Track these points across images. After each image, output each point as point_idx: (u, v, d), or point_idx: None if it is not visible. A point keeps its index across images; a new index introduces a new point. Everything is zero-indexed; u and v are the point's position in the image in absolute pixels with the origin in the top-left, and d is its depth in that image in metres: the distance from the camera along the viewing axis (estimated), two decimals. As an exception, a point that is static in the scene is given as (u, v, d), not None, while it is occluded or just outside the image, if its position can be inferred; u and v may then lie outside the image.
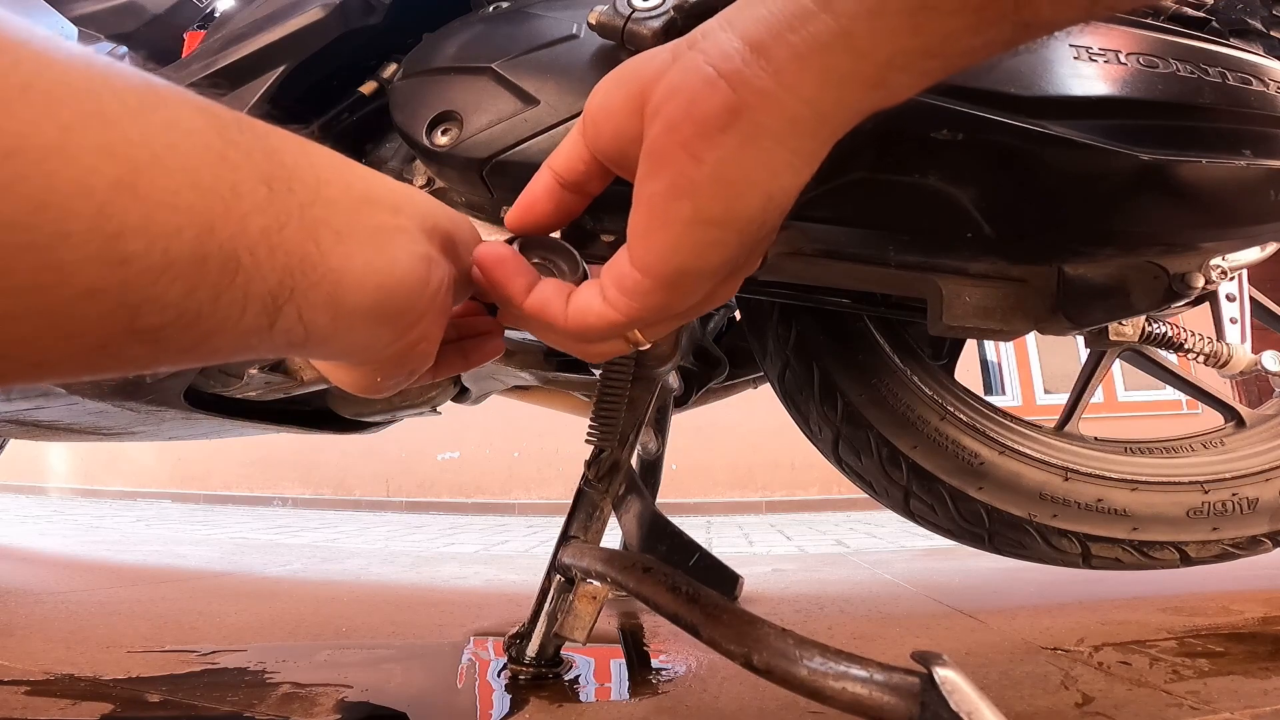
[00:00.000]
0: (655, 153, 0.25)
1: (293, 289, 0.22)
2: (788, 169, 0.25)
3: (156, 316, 0.18)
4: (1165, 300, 0.51)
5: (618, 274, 0.28)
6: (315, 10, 0.54)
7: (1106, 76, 0.41)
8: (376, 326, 0.25)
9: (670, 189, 0.25)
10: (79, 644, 0.70)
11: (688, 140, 0.24)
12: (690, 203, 0.25)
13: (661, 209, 0.26)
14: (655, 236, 0.26)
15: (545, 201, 0.32)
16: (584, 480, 0.59)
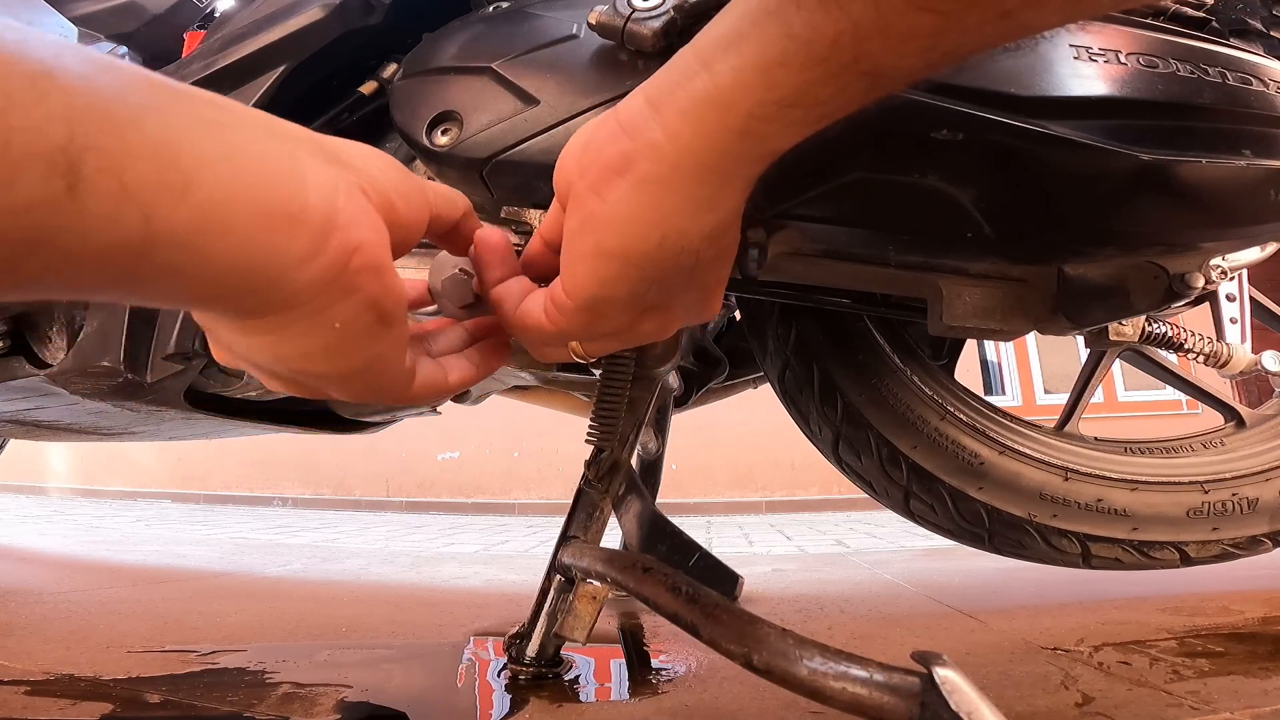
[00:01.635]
0: (574, 196, 0.29)
1: (96, 148, 0.17)
2: (678, 212, 0.28)
3: None
4: (1165, 300, 0.51)
5: (554, 291, 0.32)
6: (315, 10, 0.54)
7: (1106, 76, 0.41)
8: (267, 230, 0.21)
9: (580, 224, 0.29)
10: (79, 644, 0.70)
11: (594, 182, 0.28)
12: (593, 237, 0.29)
13: (574, 242, 0.29)
14: (571, 265, 0.30)
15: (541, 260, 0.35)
16: (584, 480, 0.59)
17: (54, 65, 0.17)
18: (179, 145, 0.19)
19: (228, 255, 0.20)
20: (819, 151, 0.42)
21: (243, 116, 0.23)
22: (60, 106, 0.17)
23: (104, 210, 0.17)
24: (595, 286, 0.30)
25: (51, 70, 0.17)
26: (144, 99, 0.19)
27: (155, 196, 0.18)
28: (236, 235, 0.20)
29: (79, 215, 0.17)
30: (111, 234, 0.18)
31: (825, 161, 0.42)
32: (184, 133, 0.19)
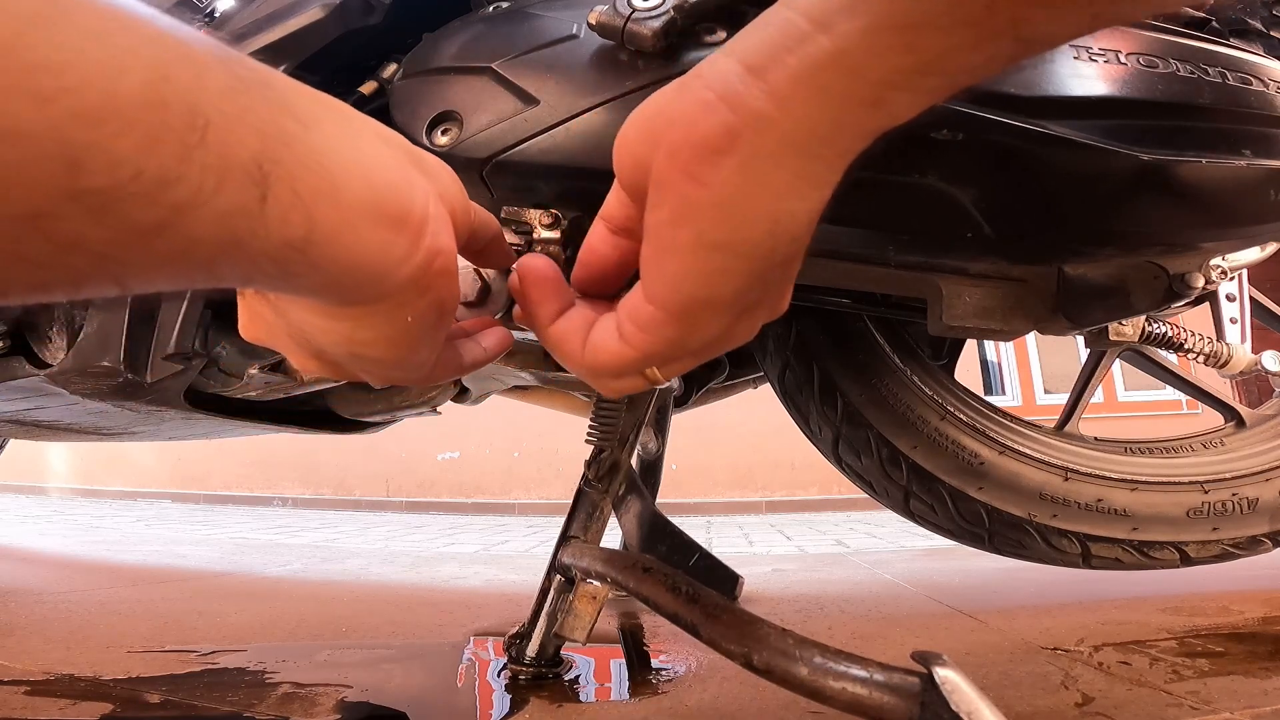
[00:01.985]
0: (659, 180, 0.25)
1: (278, 159, 0.19)
2: (792, 193, 0.25)
3: (105, 174, 0.15)
4: (1165, 300, 0.51)
5: (632, 308, 0.28)
6: (315, 10, 0.54)
7: (1106, 76, 0.41)
8: (383, 229, 0.23)
9: (674, 215, 0.25)
10: (79, 644, 0.70)
11: (687, 164, 0.24)
12: (693, 228, 0.25)
13: (668, 236, 0.25)
14: (664, 265, 0.26)
15: (604, 249, 0.31)
16: (584, 480, 0.59)
17: (249, 80, 0.19)
18: (331, 154, 0.21)
19: (356, 252, 0.22)
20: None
21: (363, 124, 0.24)
22: (254, 120, 0.18)
23: (281, 214, 0.19)
24: (696, 287, 0.26)
25: (248, 85, 0.19)
26: (303, 110, 0.21)
27: (316, 202, 0.20)
28: (364, 234, 0.22)
29: (264, 219, 0.19)
30: (284, 235, 0.20)
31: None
32: (332, 141, 0.22)
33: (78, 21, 0.15)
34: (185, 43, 0.17)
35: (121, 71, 0.15)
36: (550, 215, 0.52)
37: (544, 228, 0.52)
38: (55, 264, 0.16)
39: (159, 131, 0.16)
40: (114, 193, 0.15)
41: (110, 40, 0.15)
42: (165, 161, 0.16)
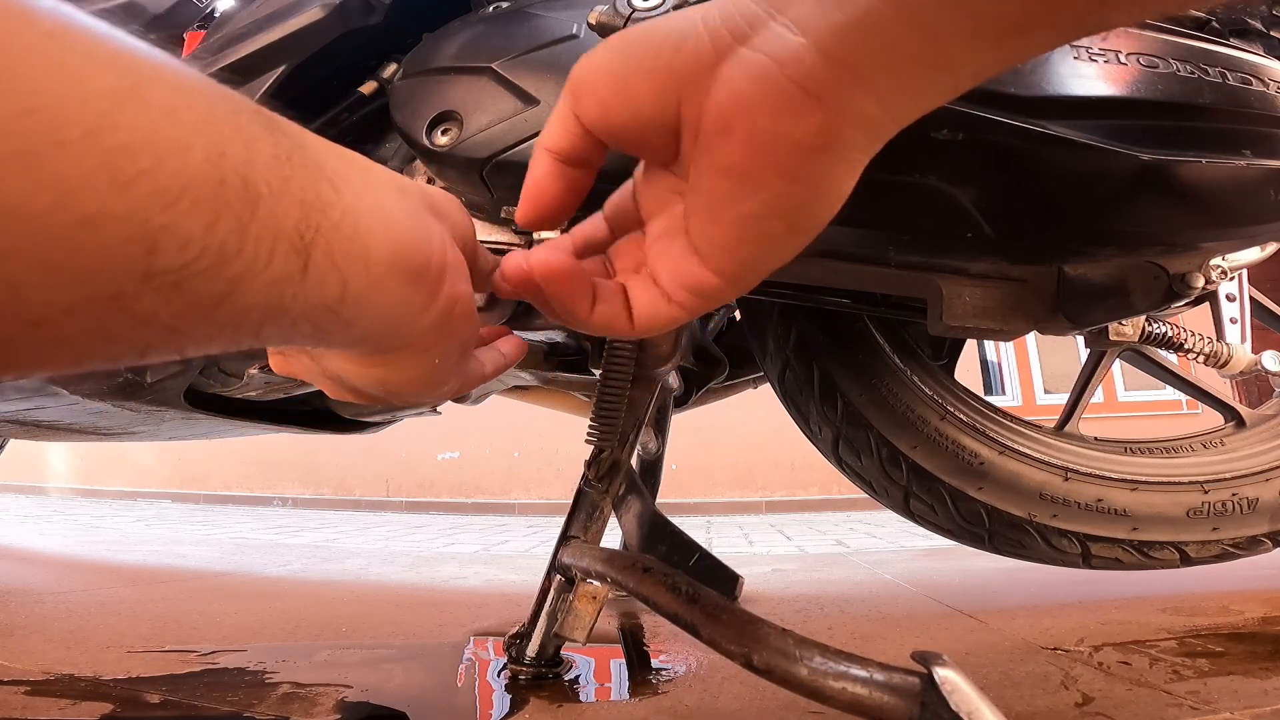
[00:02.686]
0: (744, 173, 0.24)
1: (317, 227, 0.20)
2: (860, 168, 0.26)
3: (177, 254, 0.16)
4: (1165, 300, 0.51)
5: (687, 278, 0.28)
6: (315, 10, 0.54)
7: (1106, 76, 0.41)
8: (405, 284, 0.24)
9: (767, 210, 0.25)
10: (79, 644, 0.70)
11: (783, 164, 0.24)
12: (787, 221, 0.25)
13: (755, 228, 0.25)
14: (744, 250, 0.26)
15: (552, 183, 0.29)
16: (584, 480, 0.59)
17: (288, 147, 0.20)
18: (359, 215, 0.22)
19: (383, 308, 0.23)
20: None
21: (381, 177, 0.25)
22: (296, 189, 0.19)
23: (319, 278, 0.20)
24: (771, 261, 0.27)
25: (289, 153, 0.19)
26: (333, 171, 0.22)
27: (349, 265, 0.21)
28: (391, 291, 0.23)
29: (305, 285, 0.20)
30: (321, 297, 0.20)
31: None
32: (359, 201, 0.22)
33: (151, 99, 0.15)
34: (236, 112, 0.18)
35: (188, 150, 0.16)
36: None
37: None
38: (129, 338, 0.16)
39: (220, 208, 0.16)
40: (183, 271, 0.16)
41: (176, 117, 0.16)
42: (225, 237, 0.17)
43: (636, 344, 0.56)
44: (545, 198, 0.30)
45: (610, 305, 0.29)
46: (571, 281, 0.28)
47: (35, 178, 0.13)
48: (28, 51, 0.13)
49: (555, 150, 0.29)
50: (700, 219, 0.26)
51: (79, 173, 0.14)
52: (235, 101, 0.19)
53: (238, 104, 0.19)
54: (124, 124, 0.14)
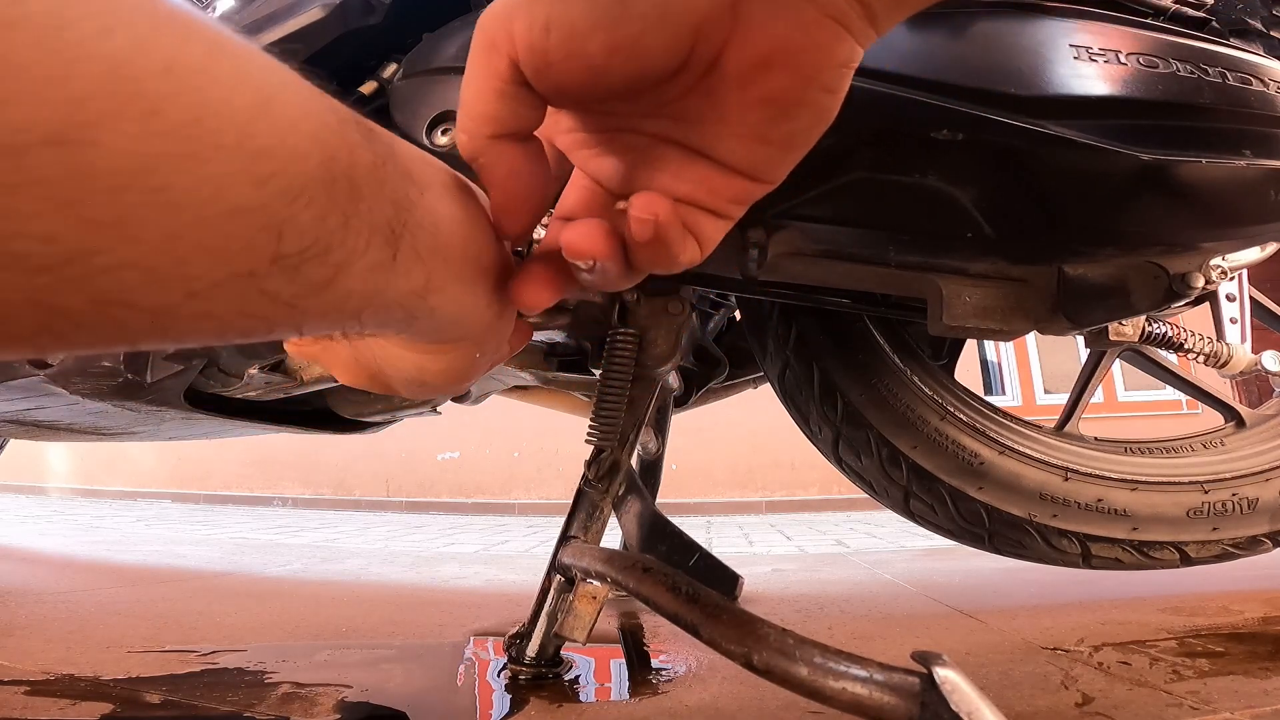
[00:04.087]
0: (792, 99, 0.26)
1: (404, 224, 0.22)
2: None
3: (296, 240, 0.19)
4: (1165, 300, 0.51)
5: (731, 192, 0.29)
6: (315, 10, 0.54)
7: (1106, 76, 0.41)
8: (475, 283, 0.27)
9: (811, 121, 0.27)
10: (79, 644, 0.70)
11: (826, 83, 0.26)
12: (825, 123, 0.28)
13: (801, 137, 0.28)
14: (792, 156, 0.28)
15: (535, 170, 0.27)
16: (584, 480, 0.59)
17: (383, 154, 0.22)
18: (439, 216, 0.24)
19: (459, 299, 0.26)
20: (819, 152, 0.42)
21: (455, 184, 0.27)
22: (389, 191, 0.22)
23: (406, 268, 0.23)
24: (803, 153, 0.29)
25: (384, 159, 0.22)
26: (419, 175, 0.24)
27: (431, 257, 0.24)
28: (465, 285, 0.26)
29: (394, 272, 0.22)
30: (409, 285, 0.23)
31: (826, 162, 0.42)
32: (440, 204, 0.25)
33: (279, 112, 0.18)
34: (342, 122, 0.21)
35: (307, 156, 0.19)
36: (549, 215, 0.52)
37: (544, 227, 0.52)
38: (259, 314, 0.19)
39: (330, 204, 0.19)
40: (301, 255, 0.19)
41: (298, 127, 0.19)
42: (334, 228, 0.20)
43: (636, 343, 0.56)
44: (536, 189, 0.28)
45: (688, 238, 0.29)
46: (600, 240, 0.27)
47: (200, 174, 0.16)
48: (193, 71, 0.16)
49: (513, 130, 0.26)
50: (743, 143, 0.28)
51: (230, 171, 0.17)
52: (341, 112, 0.21)
53: (343, 115, 0.21)
54: (261, 132, 0.17)
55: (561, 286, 0.29)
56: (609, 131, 0.29)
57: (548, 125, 0.29)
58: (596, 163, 0.31)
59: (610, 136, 0.30)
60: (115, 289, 0.16)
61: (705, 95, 0.27)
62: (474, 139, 0.26)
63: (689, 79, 0.26)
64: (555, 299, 0.29)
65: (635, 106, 0.28)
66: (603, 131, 0.30)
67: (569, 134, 0.30)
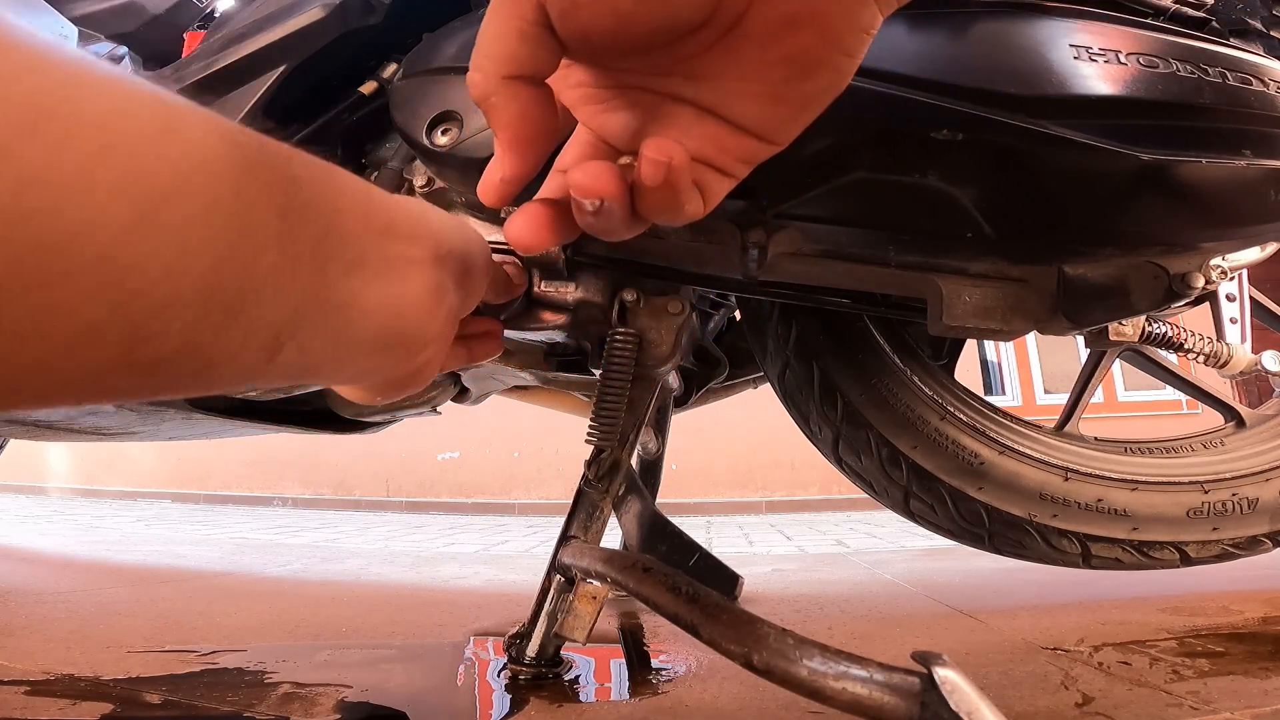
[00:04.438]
0: (813, 59, 0.27)
1: (297, 325, 0.22)
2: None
3: (155, 349, 0.18)
4: (1165, 300, 0.51)
5: (741, 152, 0.29)
6: (315, 10, 0.54)
7: (1107, 76, 0.41)
8: (380, 356, 0.27)
9: (828, 84, 0.27)
10: (79, 644, 0.70)
11: (847, 46, 0.27)
12: (839, 87, 0.28)
13: (817, 99, 0.28)
14: (805, 117, 0.28)
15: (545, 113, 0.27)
16: (584, 480, 0.59)
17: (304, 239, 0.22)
18: (354, 302, 0.24)
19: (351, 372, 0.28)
20: (819, 151, 0.42)
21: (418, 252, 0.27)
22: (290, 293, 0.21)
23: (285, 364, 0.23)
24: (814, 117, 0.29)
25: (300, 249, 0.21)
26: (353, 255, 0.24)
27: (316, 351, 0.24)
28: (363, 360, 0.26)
29: (271, 367, 0.22)
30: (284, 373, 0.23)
31: (826, 162, 0.42)
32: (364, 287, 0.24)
33: (165, 222, 0.17)
34: (249, 219, 0.19)
35: (185, 270, 0.18)
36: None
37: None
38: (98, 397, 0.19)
39: (203, 316, 0.19)
40: (159, 363, 0.18)
41: (184, 237, 0.17)
42: (204, 336, 0.19)
43: (636, 343, 0.56)
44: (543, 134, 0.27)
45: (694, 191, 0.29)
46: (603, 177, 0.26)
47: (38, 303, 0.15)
48: (58, 189, 0.15)
49: (529, 73, 0.26)
50: (758, 102, 0.28)
51: (77, 296, 0.15)
52: (256, 200, 0.20)
53: (258, 202, 0.20)
54: (127, 251, 0.16)
55: (560, 230, 0.29)
56: (619, 88, 0.29)
57: (555, 80, 0.28)
58: (603, 118, 0.30)
59: (620, 93, 0.29)
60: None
61: (726, 52, 0.27)
62: (488, 78, 0.26)
63: (711, 35, 0.26)
64: (553, 241, 0.29)
65: (651, 62, 0.28)
66: (613, 88, 0.29)
67: (577, 89, 0.30)
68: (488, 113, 0.26)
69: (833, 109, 0.28)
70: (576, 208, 0.27)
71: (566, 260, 0.53)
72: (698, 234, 0.53)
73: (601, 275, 0.56)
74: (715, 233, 0.52)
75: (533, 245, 0.29)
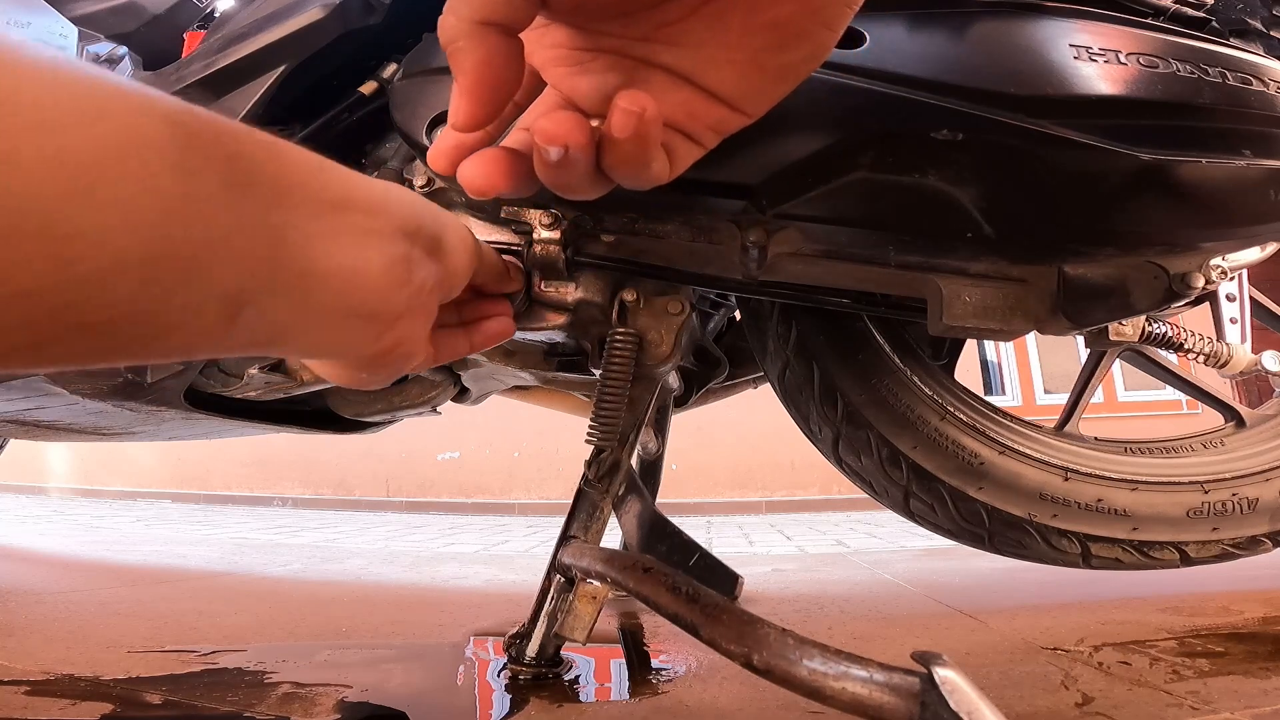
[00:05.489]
0: (795, 29, 0.27)
1: (255, 291, 0.22)
2: None
3: (102, 313, 0.18)
4: (1165, 300, 0.51)
5: (713, 121, 0.29)
6: (315, 10, 0.54)
7: (1107, 76, 0.41)
8: (348, 327, 0.26)
9: (807, 56, 0.28)
10: (79, 644, 0.70)
11: (829, 18, 0.27)
12: (816, 61, 0.29)
13: (794, 70, 0.29)
14: (780, 89, 0.29)
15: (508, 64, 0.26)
16: (584, 480, 0.59)
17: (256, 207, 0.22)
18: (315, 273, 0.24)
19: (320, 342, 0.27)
20: (820, 152, 0.42)
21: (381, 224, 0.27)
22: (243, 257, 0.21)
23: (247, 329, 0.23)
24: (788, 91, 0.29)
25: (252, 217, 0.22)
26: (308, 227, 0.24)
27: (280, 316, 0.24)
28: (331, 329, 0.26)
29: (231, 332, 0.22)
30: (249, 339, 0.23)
31: (826, 162, 0.42)
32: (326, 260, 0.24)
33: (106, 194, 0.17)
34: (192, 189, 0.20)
35: (127, 234, 0.18)
36: (550, 215, 0.52)
37: (544, 227, 0.52)
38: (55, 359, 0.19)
39: (149, 280, 0.19)
40: (109, 325, 0.19)
41: (124, 206, 0.18)
42: (153, 299, 0.19)
43: (636, 343, 0.56)
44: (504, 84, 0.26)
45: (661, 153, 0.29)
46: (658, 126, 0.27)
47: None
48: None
49: (502, 20, 0.25)
50: (736, 70, 0.28)
51: (17, 259, 0.16)
52: (199, 170, 0.20)
53: (201, 172, 0.20)
54: (68, 219, 0.17)
55: (514, 177, 0.29)
56: (595, 51, 0.29)
57: (529, 39, 0.29)
58: (574, 81, 0.30)
59: (594, 56, 0.29)
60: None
61: (710, 17, 0.27)
62: (460, 20, 0.25)
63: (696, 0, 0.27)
64: (504, 187, 0.29)
65: (631, 26, 0.28)
66: (589, 50, 0.29)
67: (551, 49, 0.30)
68: (452, 57, 0.26)
69: (833, 109, 0.28)
70: (538, 157, 0.27)
71: (567, 260, 0.53)
72: (698, 234, 0.53)
73: (601, 275, 0.56)
74: (715, 233, 0.52)
75: (483, 188, 0.29)
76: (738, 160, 0.42)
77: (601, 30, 0.29)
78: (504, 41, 0.26)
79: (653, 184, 0.29)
